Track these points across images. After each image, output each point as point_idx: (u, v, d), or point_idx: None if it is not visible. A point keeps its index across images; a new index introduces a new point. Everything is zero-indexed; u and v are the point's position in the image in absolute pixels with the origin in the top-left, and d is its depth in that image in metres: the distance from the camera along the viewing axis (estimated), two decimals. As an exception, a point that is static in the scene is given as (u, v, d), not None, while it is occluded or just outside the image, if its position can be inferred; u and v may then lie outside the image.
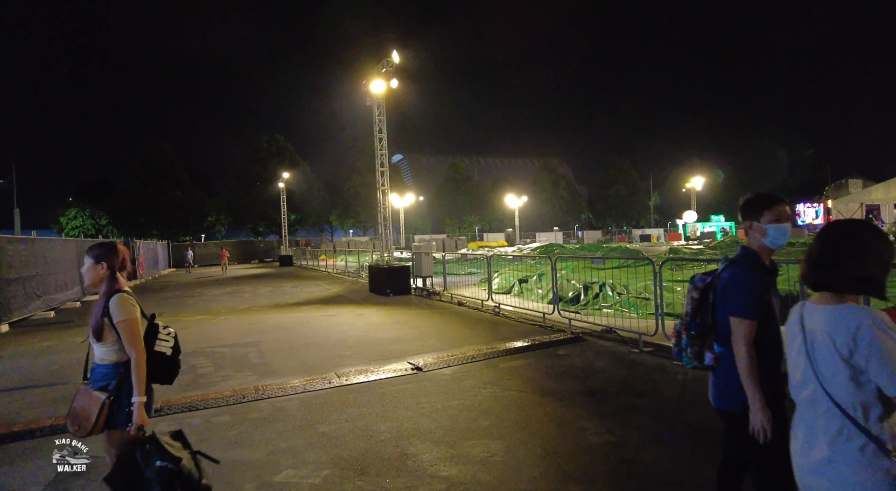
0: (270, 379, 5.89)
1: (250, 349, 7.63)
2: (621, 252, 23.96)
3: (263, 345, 7.92)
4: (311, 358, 6.90)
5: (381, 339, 7.95)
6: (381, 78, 13.49)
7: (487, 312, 10.10)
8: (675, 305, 8.54)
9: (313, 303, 12.98)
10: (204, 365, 6.76)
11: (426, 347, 7.25)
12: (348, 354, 6.99)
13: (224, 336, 8.86)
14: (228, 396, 5.18)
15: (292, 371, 6.23)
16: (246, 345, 7.97)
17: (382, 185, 14.26)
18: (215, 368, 6.59)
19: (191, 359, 7.11)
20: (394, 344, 7.52)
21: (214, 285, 20.33)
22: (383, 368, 6.08)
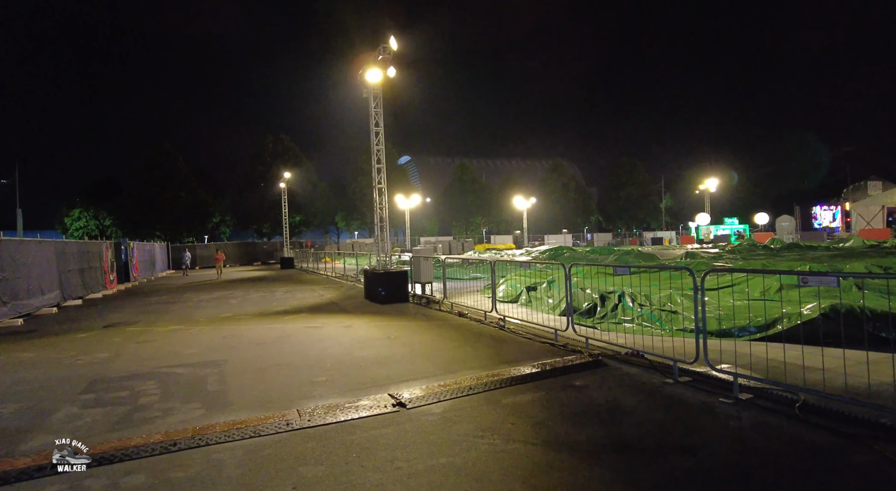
0: (219, 415, 4.78)
1: (212, 371, 6.53)
2: (636, 256, 22.67)
3: (229, 365, 6.82)
4: (277, 385, 5.78)
5: (366, 359, 6.81)
6: (377, 66, 12.39)
7: (491, 325, 8.94)
8: (711, 321, 7.33)
9: (301, 311, 11.89)
10: (150, 391, 5.66)
11: (416, 371, 6.11)
12: (322, 381, 5.86)
13: (190, 352, 7.77)
14: (155, 443, 4.06)
15: (249, 404, 5.11)
16: (209, 365, 6.87)
17: (379, 183, 13.15)
18: (162, 396, 5.48)
19: (139, 383, 6.03)
20: (379, 367, 6.38)
21: (205, 289, 19.33)
22: (359, 402, 4.94)
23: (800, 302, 8.82)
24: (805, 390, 4.30)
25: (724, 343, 6.59)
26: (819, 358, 5.22)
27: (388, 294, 12.31)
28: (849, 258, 19.82)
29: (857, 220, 53.41)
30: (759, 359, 5.61)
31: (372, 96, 12.91)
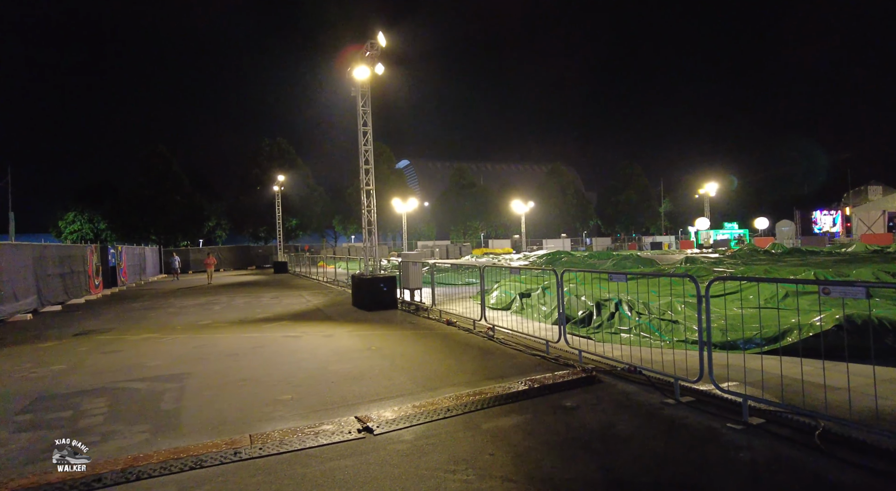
0: (164, 440, 4.24)
1: (172, 385, 5.99)
2: (634, 261, 22.14)
3: (192, 379, 6.28)
4: (238, 403, 5.24)
5: (340, 374, 6.27)
6: (364, 63, 11.89)
7: (480, 334, 8.40)
8: (714, 331, 6.80)
9: (284, 319, 11.34)
10: (97, 411, 5.11)
11: (393, 388, 5.57)
12: (287, 400, 5.31)
13: (155, 364, 7.23)
14: (77, 479, 3.52)
15: (201, 426, 4.57)
16: (171, 379, 6.33)
17: (367, 185, 12.63)
18: (108, 416, 4.94)
19: (88, 400, 5.48)
20: (353, 383, 5.83)
21: (191, 295, 18.77)
22: (321, 426, 4.39)
23: (809, 311, 8.31)
24: (827, 418, 3.76)
25: (729, 357, 6.04)
26: (837, 375, 4.70)
27: (375, 301, 11.77)
28: (854, 264, 19.31)
29: (857, 224, 52.98)
30: (770, 375, 5.09)
31: (360, 94, 12.42)
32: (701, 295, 4.41)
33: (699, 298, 4.43)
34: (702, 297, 4.41)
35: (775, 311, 8.60)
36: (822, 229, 59.95)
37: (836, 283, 3.52)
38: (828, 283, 3.49)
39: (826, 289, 3.47)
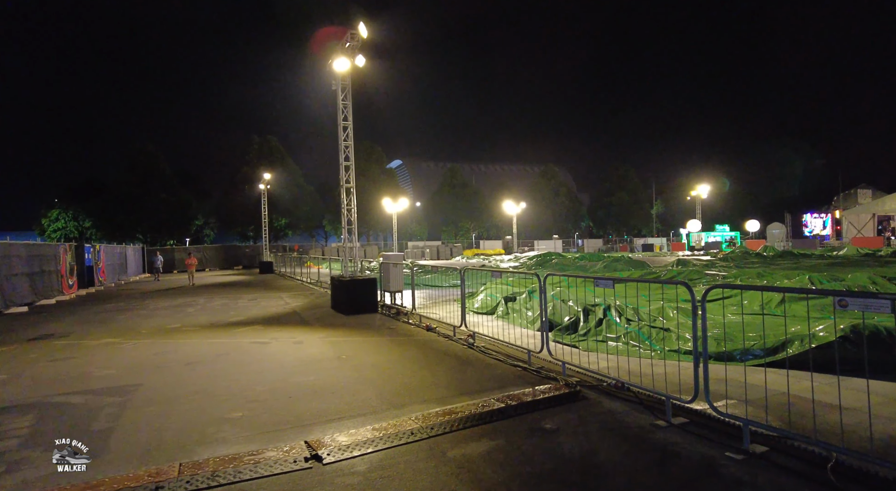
0: (78, 473, 3.67)
1: (114, 400, 5.41)
2: (626, 263, 21.74)
3: (140, 392, 5.70)
4: (181, 422, 4.68)
5: (302, 387, 5.72)
6: (344, 55, 11.34)
7: (460, 341, 7.87)
8: (709, 341, 6.31)
9: (256, 323, 10.75)
10: (16, 432, 4.53)
11: (356, 405, 5.02)
12: (238, 417, 4.76)
13: (104, 374, 6.63)
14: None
15: (130, 452, 4.01)
16: (117, 391, 5.75)
17: (347, 182, 12.07)
18: (27, 439, 4.36)
19: (11, 419, 4.89)
20: (313, 398, 5.28)
21: (169, 296, 18.10)
22: (266, 452, 3.84)
23: (807, 318, 7.86)
24: (841, 450, 3.27)
25: (727, 370, 5.56)
26: (847, 393, 4.22)
27: (354, 304, 11.22)
28: (848, 268, 19.00)
29: (847, 228, 53.12)
30: (773, 392, 4.60)
31: (340, 88, 11.86)
32: (696, 303, 3.90)
33: (694, 307, 3.93)
34: (697, 305, 3.91)
35: (774, 319, 8.15)
36: (812, 232, 60.07)
37: (854, 294, 3.03)
38: (844, 294, 3.00)
39: (843, 300, 2.98)
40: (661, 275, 15.97)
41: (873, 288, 12.02)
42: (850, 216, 53.13)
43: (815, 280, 12.19)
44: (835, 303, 3.02)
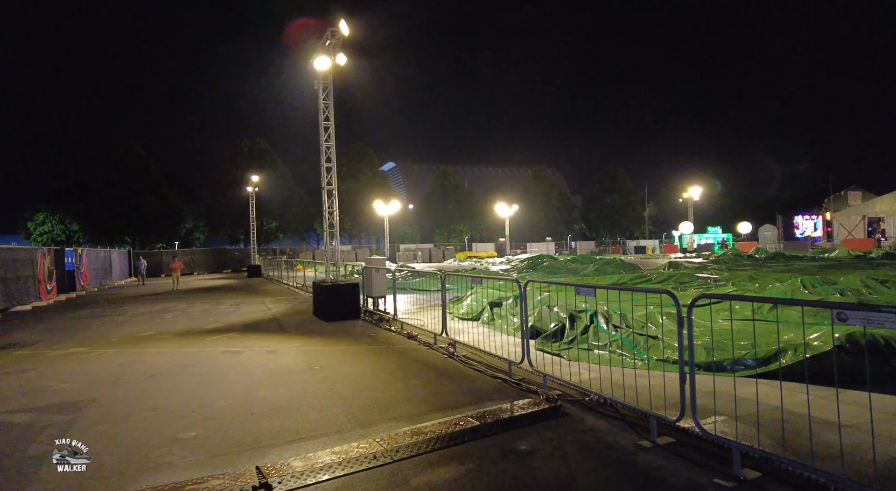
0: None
1: (62, 418, 5.02)
2: (617, 265, 21.51)
3: (93, 408, 5.32)
4: (128, 443, 4.31)
5: (267, 402, 5.35)
6: (325, 53, 11.00)
7: (440, 351, 7.53)
8: (698, 350, 6.01)
9: (234, 330, 10.36)
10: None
11: (320, 423, 4.67)
12: (191, 437, 4.39)
13: (60, 387, 6.24)
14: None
15: (61, 483, 3.64)
16: (68, 408, 5.36)
17: (329, 184, 11.71)
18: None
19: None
20: (276, 415, 4.93)
21: (150, 301, 17.63)
22: (211, 480, 3.49)
23: (798, 324, 7.58)
24: (839, 480, 2.95)
25: (716, 381, 5.26)
26: (845, 408, 3.93)
27: (335, 310, 10.85)
28: (840, 270, 18.84)
29: (838, 229, 53.27)
30: (766, 408, 4.31)
31: (321, 87, 11.51)
32: (682, 316, 3.59)
33: (680, 320, 3.62)
34: (683, 318, 3.59)
35: (766, 325, 7.87)
36: (803, 234, 60.30)
37: (855, 307, 2.72)
38: (844, 306, 2.70)
39: (842, 314, 2.67)
40: (651, 278, 15.72)
41: (866, 291, 11.80)
42: (841, 218, 53.29)
43: (807, 283, 11.97)
44: (833, 316, 2.72)
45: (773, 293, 10.34)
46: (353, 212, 58.49)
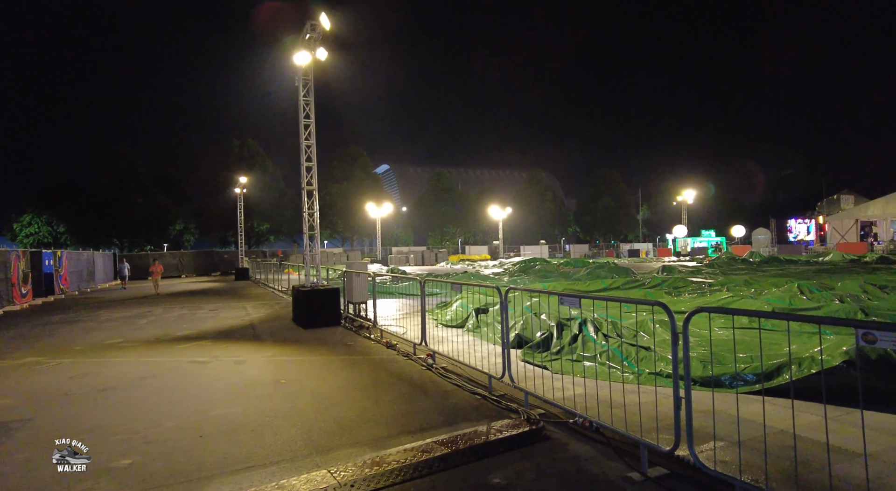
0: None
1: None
2: (610, 269, 21.11)
3: (25, 430, 4.79)
4: (48, 474, 3.79)
5: (220, 422, 4.84)
6: (305, 48, 10.52)
7: (419, 362, 7.04)
8: (694, 362, 5.55)
9: (206, 338, 9.82)
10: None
11: (274, 449, 4.17)
12: (124, 466, 3.88)
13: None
14: None
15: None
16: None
17: (309, 184, 11.21)
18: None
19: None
20: (227, 438, 4.42)
21: (127, 306, 17.02)
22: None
23: (800, 333, 7.17)
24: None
25: (715, 399, 4.80)
26: (855, 432, 3.47)
27: (314, 317, 10.34)
28: (836, 274, 18.50)
29: (831, 233, 53.22)
30: (771, 431, 3.85)
31: (301, 83, 11.02)
32: (678, 332, 3.12)
33: (674, 336, 3.15)
34: (678, 334, 3.13)
35: (766, 334, 7.45)
36: (797, 238, 60.29)
37: (885, 327, 2.26)
38: (870, 325, 2.24)
39: (869, 335, 2.21)
40: (644, 282, 15.30)
41: (865, 297, 11.42)
42: (834, 221, 53.25)
43: (804, 289, 11.58)
44: (858, 337, 2.26)
45: (771, 300, 9.92)
46: (345, 214, 57.94)
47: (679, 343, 3.13)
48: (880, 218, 50.01)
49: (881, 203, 47.14)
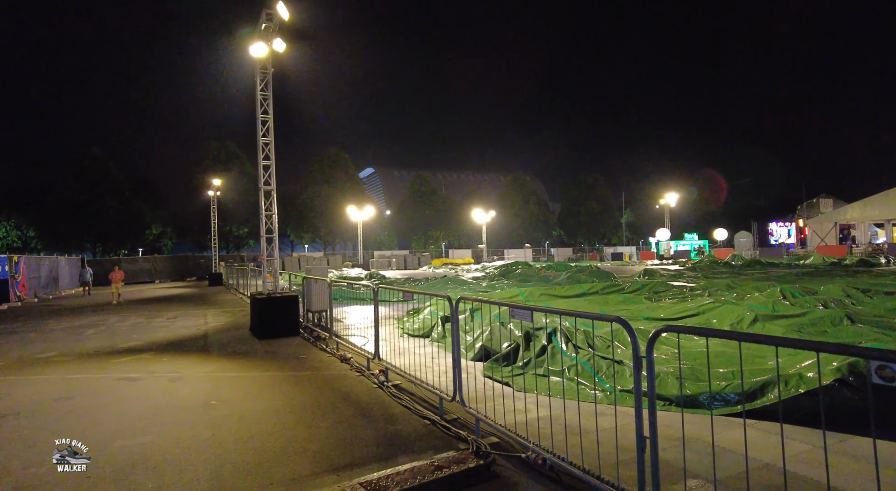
0: None
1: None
2: (590, 273, 20.65)
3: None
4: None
5: (122, 456, 4.13)
6: (261, 38, 9.83)
7: (372, 378, 6.38)
8: (666, 379, 4.98)
9: (151, 350, 9.03)
10: None
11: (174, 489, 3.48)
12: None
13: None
14: None
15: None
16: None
17: (267, 184, 10.50)
18: None
19: None
20: (120, 478, 3.71)
21: (81, 314, 16.06)
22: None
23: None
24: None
25: (689, 423, 4.23)
26: (854, 466, 2.91)
27: (271, 326, 9.62)
28: (818, 278, 18.25)
29: (811, 236, 53.73)
30: (755, 465, 3.28)
31: (259, 77, 10.32)
32: (640, 356, 2.52)
33: (636, 361, 2.55)
34: (641, 359, 2.53)
35: (751, 347, 6.92)
36: (777, 241, 60.78)
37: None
38: (886, 355, 1.66)
39: (885, 369, 1.64)
40: (624, 287, 14.83)
41: (849, 301, 11.04)
42: (814, 224, 53.79)
43: (787, 293, 11.16)
44: (871, 370, 1.68)
45: (754, 306, 9.45)
46: (326, 217, 57.00)
47: (642, 369, 2.53)
48: (858, 221, 50.60)
49: (859, 206, 47.69)
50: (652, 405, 2.53)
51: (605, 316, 2.84)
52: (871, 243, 48.23)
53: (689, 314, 9.57)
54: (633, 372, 2.56)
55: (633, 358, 2.56)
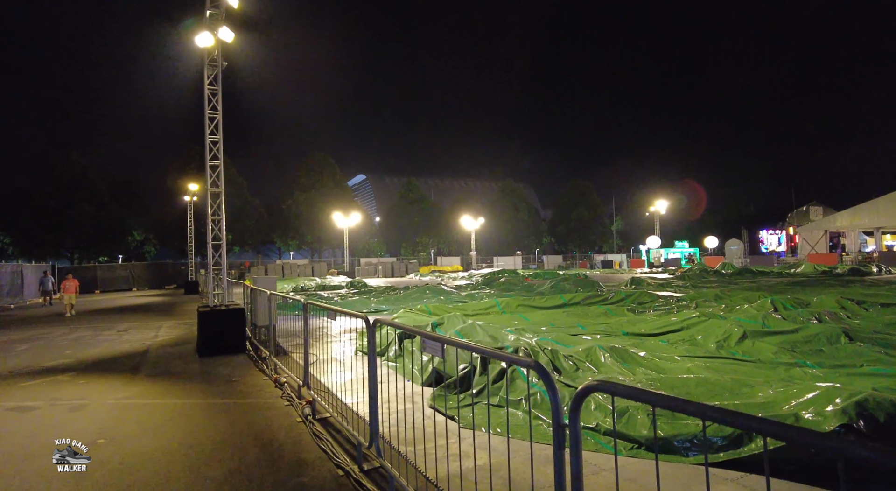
0: None
1: None
2: (574, 283, 19.82)
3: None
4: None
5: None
6: (205, 27, 8.99)
7: (299, 409, 5.48)
8: (634, 416, 4.13)
9: (73, 370, 8.07)
10: None
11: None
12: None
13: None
14: None
15: None
16: None
17: (214, 187, 9.61)
18: None
19: None
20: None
21: (26, 325, 15.00)
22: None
23: (777, 365, 5.89)
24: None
25: (659, 478, 3.38)
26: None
27: (215, 343, 8.70)
28: (809, 287, 17.56)
29: (802, 244, 53.42)
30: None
31: (207, 70, 9.47)
32: (561, 422, 1.68)
33: (556, 429, 1.70)
34: (563, 427, 1.68)
35: (736, 366, 6.12)
36: (768, 249, 60.51)
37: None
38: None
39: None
40: (608, 296, 14.04)
41: (844, 314, 10.30)
42: (804, 232, 53.50)
43: (778, 305, 10.40)
44: None
45: (743, 320, 8.67)
46: (312, 224, 56.00)
47: (565, 445, 1.67)
48: (848, 229, 50.33)
49: (849, 214, 47.40)
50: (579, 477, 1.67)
51: (519, 360, 1.99)
52: (860, 252, 47.96)
53: (673, 329, 8.76)
54: (554, 448, 1.70)
55: (553, 425, 1.71)
